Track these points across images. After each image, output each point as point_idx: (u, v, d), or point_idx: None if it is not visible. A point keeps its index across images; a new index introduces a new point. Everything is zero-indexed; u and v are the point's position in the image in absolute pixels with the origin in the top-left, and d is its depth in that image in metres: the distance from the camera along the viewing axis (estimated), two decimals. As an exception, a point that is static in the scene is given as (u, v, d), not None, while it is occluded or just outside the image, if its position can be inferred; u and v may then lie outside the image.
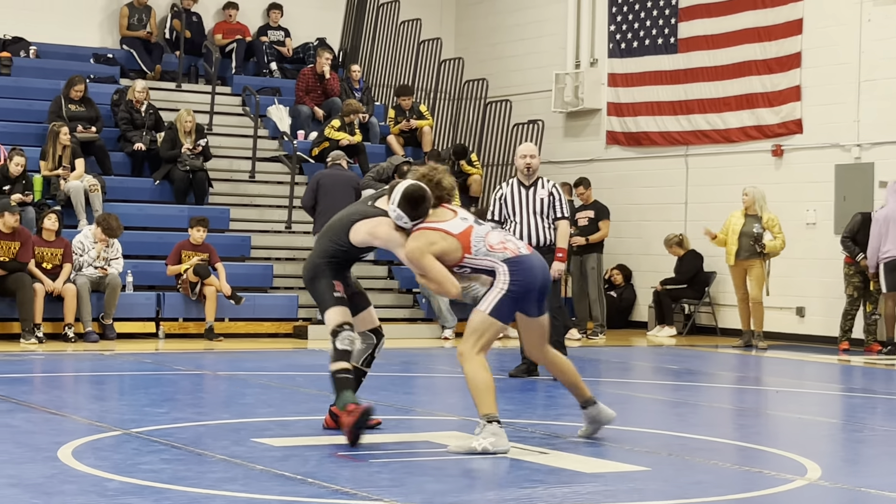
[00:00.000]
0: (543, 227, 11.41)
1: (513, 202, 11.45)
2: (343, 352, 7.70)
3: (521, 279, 7.44)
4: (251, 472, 6.58)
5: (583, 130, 20.13)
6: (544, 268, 7.65)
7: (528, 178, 11.49)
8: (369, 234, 7.66)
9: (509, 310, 7.48)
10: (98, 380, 11.56)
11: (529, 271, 7.47)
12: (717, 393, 11.73)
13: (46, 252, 14.56)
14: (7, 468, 6.60)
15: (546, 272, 7.66)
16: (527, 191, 11.45)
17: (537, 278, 7.51)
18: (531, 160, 11.46)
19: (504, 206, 11.49)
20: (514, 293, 7.43)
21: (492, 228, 7.66)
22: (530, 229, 11.38)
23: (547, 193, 11.44)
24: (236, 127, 19.36)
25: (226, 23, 20.64)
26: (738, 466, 7.22)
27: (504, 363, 12.49)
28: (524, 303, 7.53)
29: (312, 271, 7.81)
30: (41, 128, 17.11)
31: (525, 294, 7.48)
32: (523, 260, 7.48)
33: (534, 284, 7.50)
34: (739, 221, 15.96)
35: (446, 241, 7.46)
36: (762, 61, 17.55)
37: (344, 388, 7.65)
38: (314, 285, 7.80)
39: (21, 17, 19.27)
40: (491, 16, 21.81)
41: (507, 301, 7.44)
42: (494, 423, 7.33)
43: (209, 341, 15.01)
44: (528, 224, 11.39)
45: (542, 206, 11.40)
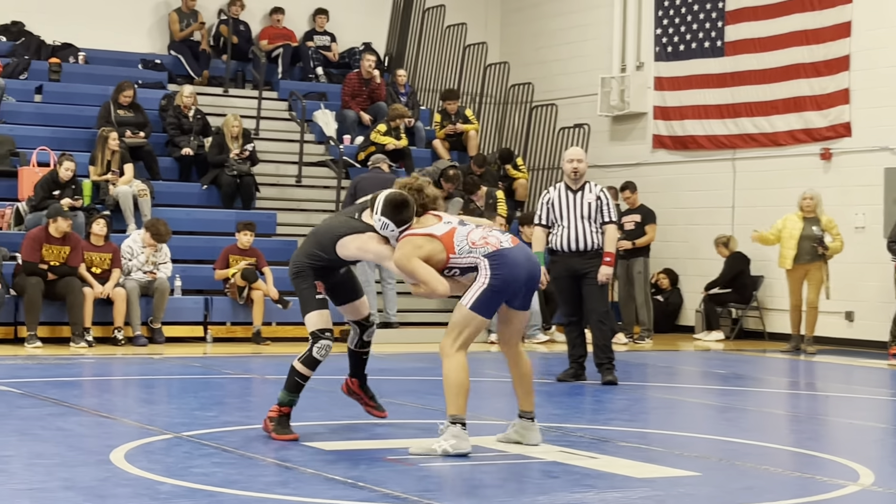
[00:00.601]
0: (591, 231, 11.38)
1: (560, 206, 11.43)
2: (314, 360, 7.86)
3: (501, 273, 7.36)
4: (301, 476, 6.61)
5: (629, 134, 20.08)
6: (529, 261, 7.51)
7: (575, 183, 11.46)
8: (359, 250, 7.71)
9: (491, 304, 7.43)
10: (147, 383, 11.64)
11: (512, 265, 7.39)
12: (766, 397, 11.66)
13: (95, 257, 14.67)
14: (60, 471, 6.65)
15: (532, 265, 7.51)
16: (574, 195, 11.43)
17: (521, 271, 7.42)
18: (578, 164, 11.43)
19: (551, 211, 11.47)
20: (495, 287, 7.38)
21: (475, 227, 7.56)
22: (577, 234, 11.35)
23: (595, 198, 11.41)
24: (283, 132, 19.45)
25: (272, 28, 20.73)
26: (789, 472, 7.18)
27: (551, 368, 12.47)
28: (507, 296, 7.45)
29: (296, 269, 7.93)
30: (90, 133, 17.25)
31: (507, 287, 7.41)
32: (505, 253, 7.41)
33: (516, 278, 7.41)
34: (798, 225, 15.76)
35: (431, 244, 7.46)
36: (810, 64, 17.44)
37: (291, 390, 7.86)
38: (297, 283, 7.93)
39: (70, 24, 19.43)
40: (536, 20, 21.78)
41: (488, 295, 7.39)
42: (458, 426, 7.30)
43: (256, 345, 15.07)
44: (575, 228, 11.37)
45: (589, 210, 11.38)
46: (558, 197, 11.47)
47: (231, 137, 17.22)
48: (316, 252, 7.86)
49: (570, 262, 11.41)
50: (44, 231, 14.31)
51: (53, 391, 10.12)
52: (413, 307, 16.77)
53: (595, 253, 11.36)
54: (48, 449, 7.34)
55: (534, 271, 7.53)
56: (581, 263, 11.38)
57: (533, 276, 7.53)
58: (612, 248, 11.45)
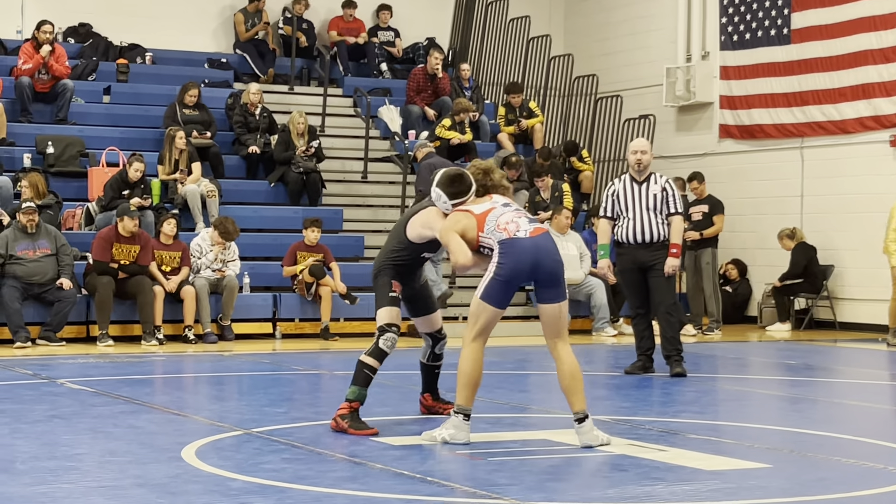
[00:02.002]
0: (657, 222, 11.33)
1: (625, 198, 11.39)
2: (381, 351, 8.04)
3: (507, 262, 7.40)
4: (371, 471, 6.64)
5: (695, 124, 19.95)
6: (540, 251, 7.42)
7: (640, 174, 11.41)
8: (421, 226, 7.91)
9: (498, 293, 7.44)
10: (217, 380, 11.74)
11: (517, 254, 7.39)
12: (837, 388, 11.55)
13: (165, 255, 14.81)
14: (132, 468, 6.73)
15: (546, 256, 7.42)
16: (639, 186, 11.38)
17: (525, 262, 7.39)
18: (642, 156, 11.38)
19: (616, 202, 11.43)
20: (501, 276, 7.41)
21: (514, 212, 7.59)
22: (643, 225, 11.31)
23: (660, 189, 11.35)
24: (348, 128, 19.52)
25: (342, 20, 20.74)
26: (861, 462, 7.11)
27: (620, 360, 12.43)
28: (514, 286, 7.46)
29: (376, 269, 8.16)
30: (158, 133, 17.42)
31: (512, 276, 7.41)
32: (514, 243, 7.41)
33: (520, 268, 7.39)
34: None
35: (467, 220, 7.60)
36: (878, 50, 17.23)
37: (361, 384, 7.98)
38: (375, 282, 8.14)
39: (137, 25, 19.61)
40: (600, 11, 21.70)
41: (495, 285, 7.43)
42: (461, 416, 7.47)
43: (325, 341, 15.15)
44: (640, 220, 11.32)
45: (654, 201, 11.32)
46: (623, 189, 11.43)
47: (297, 135, 17.30)
48: (394, 246, 8.07)
49: (637, 254, 11.37)
50: (114, 230, 14.46)
51: (125, 389, 10.24)
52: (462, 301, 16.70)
53: (661, 244, 11.31)
54: (120, 447, 7.43)
55: (544, 262, 7.42)
56: (647, 255, 11.33)
57: (544, 267, 7.43)
58: (678, 239, 11.39)
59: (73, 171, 16.59)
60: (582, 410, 7.45)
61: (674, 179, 12.56)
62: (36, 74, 17.25)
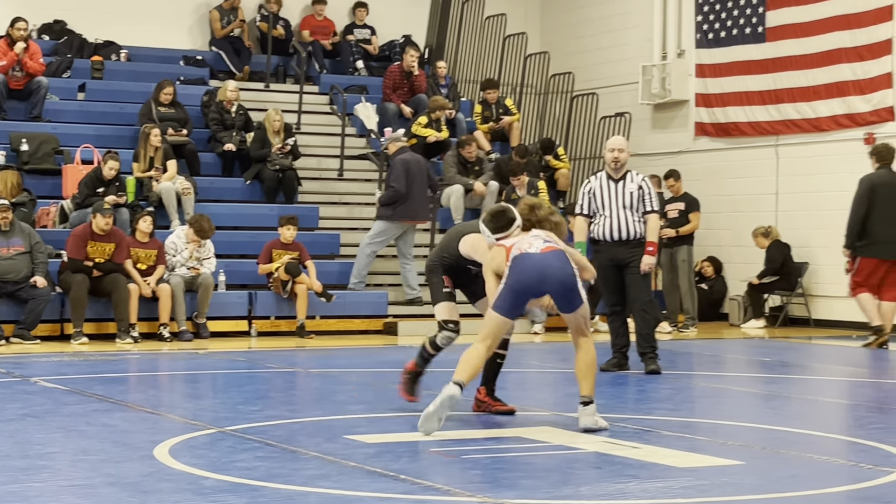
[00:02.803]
0: (633, 220, 11.34)
1: (602, 196, 11.40)
2: (437, 346, 8.64)
3: (514, 274, 7.86)
4: (344, 469, 6.63)
5: (671, 122, 19.99)
6: (548, 266, 7.83)
7: (616, 172, 11.42)
8: (470, 248, 8.51)
9: (507, 303, 7.88)
10: (192, 378, 11.71)
11: (525, 269, 7.83)
12: (811, 385, 11.59)
13: (141, 253, 14.76)
14: (105, 467, 6.71)
15: (554, 271, 7.82)
16: (616, 184, 11.39)
17: (530, 276, 7.83)
18: (619, 154, 11.39)
19: (593, 200, 11.43)
20: (510, 287, 7.87)
21: (535, 238, 7.99)
22: (620, 223, 11.32)
23: (636, 187, 11.37)
24: (324, 125, 19.49)
25: (313, 18, 20.75)
26: (834, 459, 7.14)
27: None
28: (522, 297, 7.91)
29: (429, 265, 8.82)
30: (133, 130, 17.36)
31: (520, 288, 7.87)
32: (522, 257, 7.88)
33: (527, 281, 7.84)
34: None
35: (500, 255, 8.05)
36: (852, 49, 17.30)
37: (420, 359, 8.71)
38: (429, 278, 8.80)
39: (112, 22, 19.55)
40: (576, 9, 21.72)
41: (504, 294, 7.89)
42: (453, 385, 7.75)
43: (301, 339, 15.13)
44: (617, 218, 11.33)
45: (631, 199, 11.33)
46: (600, 186, 11.44)
47: (273, 132, 17.28)
48: (446, 252, 8.72)
49: (614, 252, 11.38)
50: (88, 228, 14.42)
51: (99, 387, 10.20)
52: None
53: (637, 242, 11.33)
54: (93, 445, 7.40)
55: (550, 276, 7.83)
56: (624, 253, 11.35)
57: (547, 280, 7.84)
58: (654, 237, 11.42)
59: (48, 169, 16.52)
60: (588, 395, 7.92)
61: (650, 177, 12.58)
62: (10, 72, 17.17)
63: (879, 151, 14.61)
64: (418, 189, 16.16)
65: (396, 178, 16.02)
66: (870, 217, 14.31)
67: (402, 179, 15.96)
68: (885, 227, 14.23)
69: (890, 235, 14.23)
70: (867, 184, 14.45)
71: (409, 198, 16.03)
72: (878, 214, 14.24)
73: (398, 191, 15.96)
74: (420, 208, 16.29)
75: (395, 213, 16.08)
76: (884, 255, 14.36)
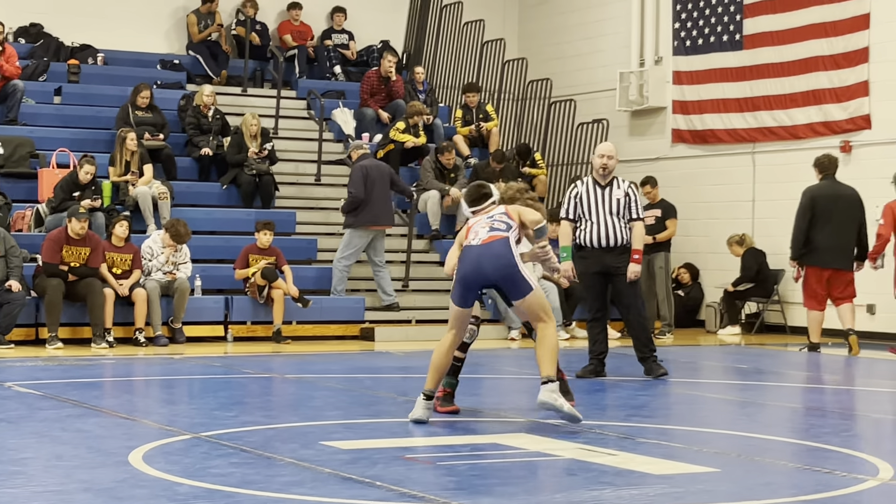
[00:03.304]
0: (619, 227, 11.36)
1: (588, 201, 11.41)
2: (464, 343, 8.89)
3: (460, 266, 8.33)
4: (319, 476, 6.61)
5: (648, 129, 20.04)
6: (483, 257, 8.22)
7: (603, 178, 11.44)
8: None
9: (457, 293, 8.32)
10: (168, 384, 11.66)
11: (466, 261, 8.28)
12: (786, 392, 11.62)
13: (116, 257, 14.71)
14: (79, 473, 6.67)
15: (490, 262, 8.18)
16: (602, 190, 11.41)
17: (471, 267, 8.23)
18: (608, 161, 11.40)
19: (579, 205, 11.44)
20: (457, 278, 8.34)
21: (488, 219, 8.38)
22: (606, 229, 11.33)
23: (623, 194, 11.39)
24: (302, 130, 19.47)
25: (289, 23, 20.74)
26: (808, 467, 7.15)
27: (572, 364, 12.45)
28: (465, 288, 8.26)
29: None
30: (110, 134, 17.31)
31: (466, 280, 8.27)
32: (466, 250, 8.34)
33: (469, 273, 8.24)
34: None
35: (463, 232, 8.54)
36: (829, 57, 17.37)
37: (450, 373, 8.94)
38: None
39: (88, 25, 19.49)
40: (554, 15, 21.75)
41: (455, 285, 8.36)
42: (422, 397, 8.38)
43: (277, 344, 15.10)
44: (603, 224, 11.34)
45: (618, 206, 11.35)
46: (586, 191, 11.44)
47: (250, 136, 17.24)
48: None
49: (601, 259, 11.40)
50: (64, 232, 14.36)
51: (74, 392, 10.16)
52: (433, 305, 16.78)
53: (624, 249, 11.36)
54: (67, 451, 7.37)
55: (486, 267, 8.19)
56: (613, 259, 11.38)
57: (484, 271, 8.20)
58: (639, 245, 11.44)
59: (23, 173, 16.45)
60: (546, 376, 8.21)
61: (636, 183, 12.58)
62: (-14, 75, 17.10)
63: (822, 163, 14.89)
64: (379, 194, 16.21)
65: (354, 183, 16.07)
66: (812, 227, 14.64)
67: (361, 185, 16.00)
68: (826, 236, 14.55)
69: (831, 244, 14.55)
70: (809, 195, 14.82)
71: (370, 203, 16.07)
72: (820, 224, 14.56)
73: (357, 196, 15.99)
74: (382, 213, 16.31)
75: (358, 219, 16.09)
76: (826, 263, 14.64)
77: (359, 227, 16.12)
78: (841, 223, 14.56)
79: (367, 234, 16.21)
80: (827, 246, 14.54)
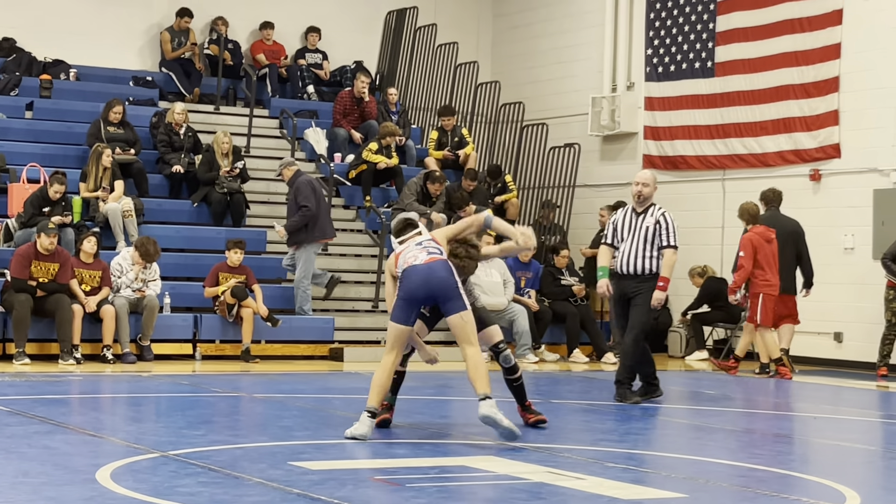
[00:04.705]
0: (645, 255, 11.43)
1: (623, 227, 11.60)
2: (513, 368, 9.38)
3: (403, 286, 8.74)
4: (288, 496, 6.60)
5: (619, 154, 20.11)
6: (430, 273, 8.69)
7: (639, 205, 11.58)
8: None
9: (400, 311, 8.73)
10: (135, 401, 11.61)
11: (412, 279, 8.69)
12: (753, 419, 11.65)
13: (85, 274, 14.65)
14: (46, 490, 6.63)
15: (432, 280, 8.66)
16: (637, 217, 11.55)
17: (419, 283, 8.68)
18: (643, 188, 11.53)
19: (616, 231, 11.63)
20: (401, 297, 8.74)
21: (420, 247, 8.84)
22: (630, 257, 11.48)
23: (654, 221, 11.49)
24: (274, 149, 19.45)
25: (262, 42, 20.74)
26: (776, 494, 7.18)
27: (541, 387, 12.46)
28: (412, 305, 8.70)
29: None
30: (81, 150, 17.25)
31: (411, 298, 8.71)
32: (408, 271, 8.75)
33: (415, 290, 8.69)
34: None
35: (392, 259, 9.02)
36: (800, 85, 17.50)
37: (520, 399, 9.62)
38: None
39: (61, 41, 19.44)
40: (528, 39, 21.83)
41: (396, 304, 8.76)
42: (367, 414, 8.69)
43: (246, 363, 15.05)
44: (631, 250, 11.47)
45: (647, 233, 11.44)
46: (623, 218, 11.65)
47: (221, 154, 17.22)
48: None
49: (622, 284, 11.58)
50: (33, 248, 14.29)
51: (41, 409, 10.10)
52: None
53: (643, 277, 11.41)
54: (34, 467, 7.32)
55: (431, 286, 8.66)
56: (629, 286, 11.53)
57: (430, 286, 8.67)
58: (668, 272, 11.53)
59: (-7, 187, 16.39)
60: (482, 393, 8.61)
61: (607, 208, 12.55)
62: (-43, 88, 17.03)
63: (766, 196, 15.63)
64: (325, 207, 16.28)
65: (306, 197, 16.03)
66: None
67: (312, 198, 15.99)
68: None
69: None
70: None
71: (319, 216, 16.09)
72: None
73: (311, 209, 15.97)
74: (328, 226, 16.37)
75: (309, 234, 16.08)
76: None
77: (312, 243, 16.14)
78: (780, 252, 15.12)
79: (317, 247, 16.28)
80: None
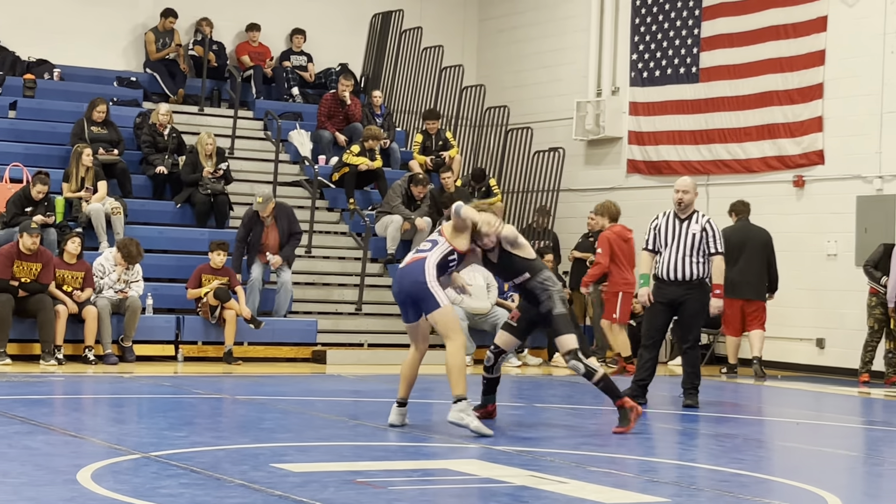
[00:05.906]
0: (692, 261, 11.47)
1: (666, 233, 11.61)
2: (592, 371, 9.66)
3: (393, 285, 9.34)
4: (269, 498, 6.57)
5: (604, 158, 20.13)
6: (402, 276, 9.13)
7: (682, 212, 11.60)
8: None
9: (400, 310, 9.30)
10: (117, 402, 11.58)
11: (394, 280, 9.21)
12: (736, 424, 11.66)
13: (68, 275, 14.60)
14: (27, 490, 6.60)
15: (405, 279, 9.08)
16: (681, 223, 11.55)
17: (395, 285, 9.25)
18: (684, 195, 11.55)
19: (658, 237, 11.67)
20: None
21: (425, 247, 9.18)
22: (677, 263, 11.48)
23: (700, 229, 11.52)
24: (258, 151, 19.42)
25: (248, 44, 20.71)
26: (758, 498, 7.18)
27: (524, 391, 12.45)
28: (401, 305, 9.22)
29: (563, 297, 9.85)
30: (64, 150, 17.20)
31: (396, 297, 9.28)
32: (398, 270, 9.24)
33: (394, 291, 9.29)
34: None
35: None
36: (784, 92, 17.53)
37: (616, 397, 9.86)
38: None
39: (45, 40, 19.38)
40: (513, 43, 21.84)
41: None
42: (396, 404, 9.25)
43: (228, 365, 15.02)
44: (677, 257, 11.48)
45: (693, 240, 11.46)
46: (665, 223, 11.65)
47: (205, 156, 17.18)
48: None
49: (668, 291, 11.60)
50: (15, 247, 14.24)
51: (21, 409, 10.06)
52: (385, 329, 16.76)
53: (693, 283, 11.44)
54: (14, 468, 7.29)
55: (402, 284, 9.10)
56: (679, 292, 11.57)
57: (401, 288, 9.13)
58: (720, 279, 11.61)
59: (-24, 187, 16.32)
60: (456, 395, 9.01)
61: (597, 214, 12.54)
62: (-60, 87, 16.96)
63: (736, 207, 16.26)
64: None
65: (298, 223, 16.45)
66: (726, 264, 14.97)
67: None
68: (737, 272, 15.44)
69: (741, 278, 15.66)
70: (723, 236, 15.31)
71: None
72: (732, 261, 14.92)
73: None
74: None
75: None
76: (738, 294, 15.70)
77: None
78: (749, 259, 15.74)
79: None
80: (738, 280, 15.53)
